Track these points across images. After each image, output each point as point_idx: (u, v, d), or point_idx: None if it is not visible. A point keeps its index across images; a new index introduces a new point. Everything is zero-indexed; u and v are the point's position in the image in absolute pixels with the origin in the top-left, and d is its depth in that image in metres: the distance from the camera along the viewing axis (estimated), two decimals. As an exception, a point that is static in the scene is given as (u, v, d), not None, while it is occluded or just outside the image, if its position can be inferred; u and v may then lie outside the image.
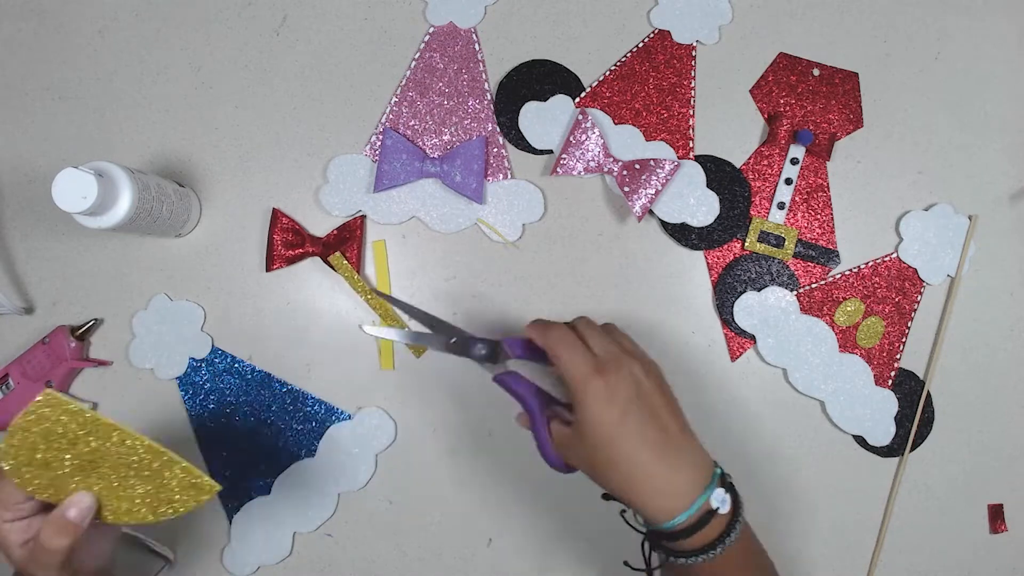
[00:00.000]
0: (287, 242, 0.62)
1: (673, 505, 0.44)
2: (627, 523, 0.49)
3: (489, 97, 0.65)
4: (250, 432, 0.62)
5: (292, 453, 0.62)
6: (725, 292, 0.64)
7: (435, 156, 0.64)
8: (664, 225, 0.64)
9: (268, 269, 0.63)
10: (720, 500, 0.44)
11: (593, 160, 0.63)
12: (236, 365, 0.62)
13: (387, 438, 0.62)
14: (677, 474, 0.44)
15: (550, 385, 0.51)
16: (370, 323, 0.61)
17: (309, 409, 0.62)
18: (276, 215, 0.63)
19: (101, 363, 0.62)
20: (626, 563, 0.53)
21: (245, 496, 0.62)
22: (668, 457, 0.45)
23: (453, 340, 0.55)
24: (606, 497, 0.50)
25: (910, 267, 0.64)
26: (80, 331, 0.61)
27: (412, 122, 0.65)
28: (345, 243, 0.62)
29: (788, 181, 0.65)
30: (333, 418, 0.62)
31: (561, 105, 0.65)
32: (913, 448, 0.64)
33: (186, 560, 0.62)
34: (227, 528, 0.62)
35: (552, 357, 0.47)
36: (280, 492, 0.62)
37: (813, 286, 0.64)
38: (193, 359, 0.62)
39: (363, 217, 0.63)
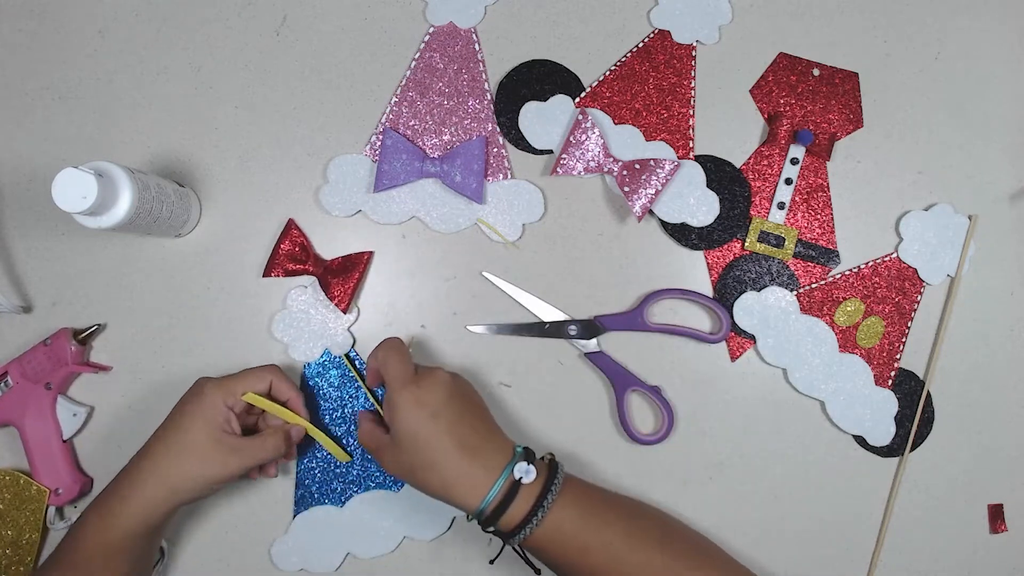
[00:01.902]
0: (292, 255, 0.62)
1: (481, 487, 0.49)
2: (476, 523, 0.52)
3: (489, 97, 0.65)
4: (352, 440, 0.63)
5: (380, 480, 0.62)
6: (725, 292, 0.64)
7: (435, 156, 0.64)
8: (664, 225, 0.64)
9: (265, 275, 0.62)
10: (523, 471, 0.50)
11: (593, 160, 0.63)
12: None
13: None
14: (483, 461, 0.50)
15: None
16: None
17: None
18: (290, 225, 0.63)
19: (101, 368, 0.62)
20: (491, 562, 0.58)
21: (317, 499, 0.62)
22: (475, 451, 0.50)
23: (547, 325, 0.62)
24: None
25: (910, 267, 0.64)
26: (82, 335, 0.61)
27: (412, 122, 0.65)
28: (346, 273, 0.62)
29: (788, 181, 0.65)
30: None
31: (561, 105, 0.65)
32: (913, 448, 0.64)
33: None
34: (288, 521, 0.62)
35: (379, 363, 0.53)
36: (352, 511, 0.62)
37: (813, 286, 0.64)
38: (329, 352, 0.63)
39: (371, 254, 0.63)
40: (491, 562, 0.58)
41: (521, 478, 0.50)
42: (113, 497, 0.52)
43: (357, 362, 0.63)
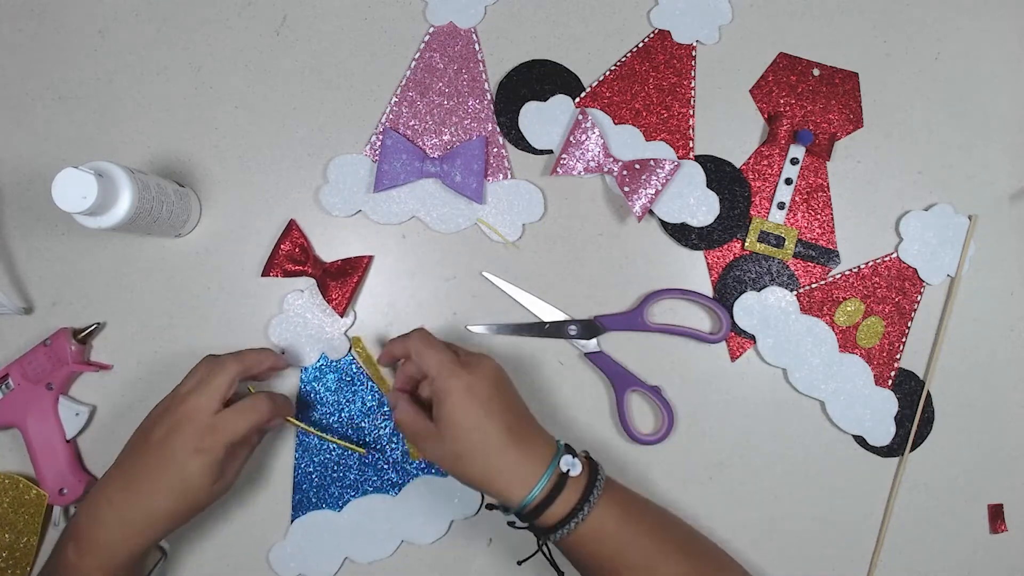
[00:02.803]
0: (292, 256, 0.62)
1: (529, 479, 0.48)
2: (509, 522, 0.51)
3: (489, 97, 0.65)
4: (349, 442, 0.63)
5: (378, 484, 0.62)
6: (725, 292, 0.64)
7: (435, 156, 0.64)
8: (664, 225, 0.64)
9: (263, 275, 0.63)
10: (569, 463, 0.49)
11: (593, 160, 0.63)
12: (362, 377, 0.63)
13: (469, 509, 0.62)
14: (529, 453, 0.49)
15: (403, 381, 0.56)
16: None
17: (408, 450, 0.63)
18: (291, 226, 0.63)
19: (102, 367, 0.62)
20: (519, 563, 0.57)
21: (315, 504, 0.62)
22: (522, 442, 0.49)
23: (547, 325, 0.62)
24: (490, 507, 0.54)
25: (910, 267, 0.64)
26: (82, 334, 0.61)
27: (412, 122, 0.65)
28: (346, 276, 0.62)
29: (788, 181, 0.65)
30: (432, 470, 0.62)
31: (561, 105, 0.65)
32: (913, 448, 0.64)
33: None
34: (286, 527, 0.62)
35: (416, 357, 0.52)
36: (350, 515, 0.62)
37: (813, 286, 0.64)
38: (326, 356, 0.63)
39: (370, 258, 0.63)
40: (520, 563, 0.56)
41: (568, 471, 0.48)
42: (97, 529, 0.49)
43: (358, 367, 0.63)
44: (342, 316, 0.62)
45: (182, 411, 0.51)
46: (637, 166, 0.62)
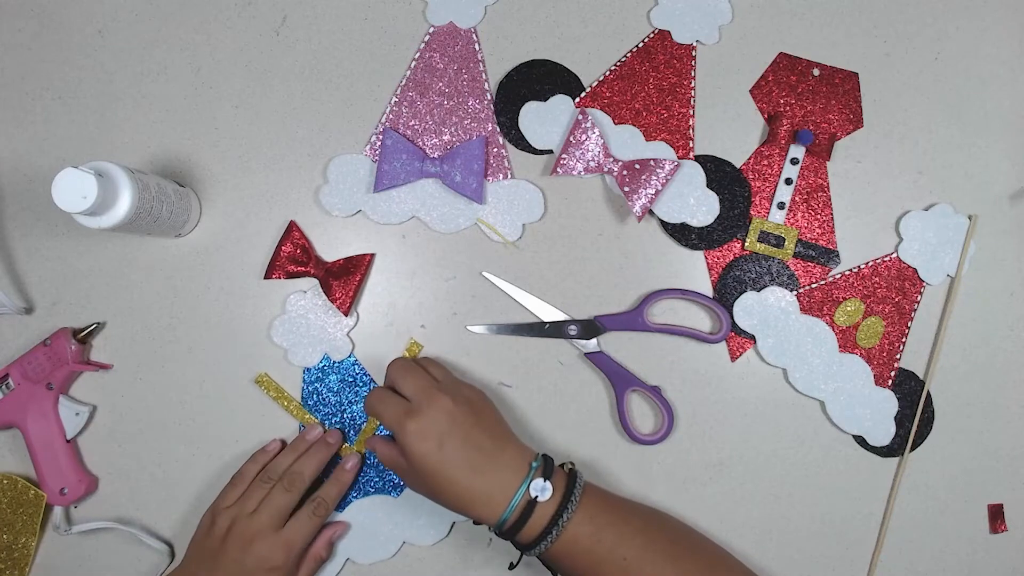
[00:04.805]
0: (293, 257, 0.62)
1: (498, 504, 0.50)
2: (480, 524, 0.53)
3: (489, 97, 0.65)
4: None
5: (379, 485, 0.62)
6: (725, 292, 0.64)
7: (435, 156, 0.64)
8: (664, 225, 0.64)
9: (266, 277, 0.63)
10: (538, 489, 0.50)
11: (593, 160, 0.63)
12: (361, 374, 0.63)
13: None
14: (495, 481, 0.50)
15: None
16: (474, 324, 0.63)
17: None
18: (291, 227, 0.63)
19: (102, 366, 0.62)
20: (511, 564, 0.57)
21: None
22: (486, 471, 0.51)
23: (547, 325, 0.62)
24: (476, 523, 0.54)
25: (910, 267, 0.64)
26: (82, 334, 0.61)
27: (412, 122, 0.65)
28: (347, 275, 0.62)
29: (788, 181, 0.65)
30: None
31: (561, 105, 0.65)
32: (913, 448, 0.64)
33: None
34: None
35: (375, 417, 0.54)
36: (352, 516, 0.62)
37: (813, 286, 0.64)
38: (328, 357, 0.63)
39: (372, 256, 0.63)
40: (511, 567, 0.57)
41: (536, 496, 0.50)
42: None
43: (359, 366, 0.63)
44: (346, 315, 0.62)
45: (251, 531, 0.55)
46: (637, 166, 0.62)
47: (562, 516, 0.50)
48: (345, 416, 0.62)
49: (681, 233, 0.64)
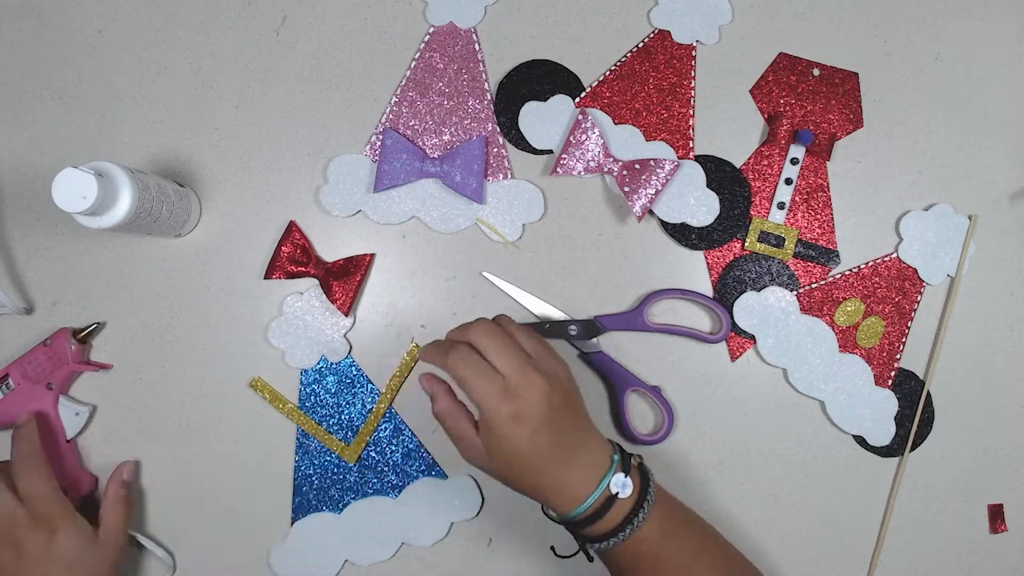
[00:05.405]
0: (293, 258, 0.62)
1: (577, 496, 0.48)
2: (547, 516, 0.51)
3: (489, 97, 0.65)
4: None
5: (378, 487, 0.62)
6: (725, 292, 0.64)
7: (435, 156, 0.64)
8: (664, 225, 0.64)
9: (266, 277, 0.62)
10: (619, 485, 0.48)
11: (593, 160, 0.63)
12: (360, 377, 0.63)
13: (469, 511, 0.62)
14: (578, 471, 0.48)
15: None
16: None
17: (415, 453, 0.62)
18: (291, 228, 0.63)
19: (102, 366, 0.62)
20: (552, 548, 0.57)
21: (315, 506, 0.62)
22: (571, 462, 0.48)
23: (547, 325, 0.62)
24: (543, 510, 0.52)
25: (910, 267, 0.64)
26: (82, 334, 0.61)
27: (412, 122, 0.65)
28: (348, 275, 0.62)
29: (788, 181, 0.65)
30: (432, 472, 0.62)
31: (561, 105, 0.65)
32: (913, 448, 0.64)
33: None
34: (286, 529, 0.62)
35: (457, 381, 0.48)
36: (351, 517, 0.62)
37: (813, 286, 0.64)
38: (325, 359, 0.62)
39: (372, 256, 0.63)
40: (561, 555, 0.55)
41: (617, 493, 0.48)
42: None
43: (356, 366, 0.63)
44: (346, 315, 0.62)
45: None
46: (637, 166, 0.62)
47: (637, 515, 0.48)
48: (343, 417, 0.62)
49: (681, 233, 0.64)
